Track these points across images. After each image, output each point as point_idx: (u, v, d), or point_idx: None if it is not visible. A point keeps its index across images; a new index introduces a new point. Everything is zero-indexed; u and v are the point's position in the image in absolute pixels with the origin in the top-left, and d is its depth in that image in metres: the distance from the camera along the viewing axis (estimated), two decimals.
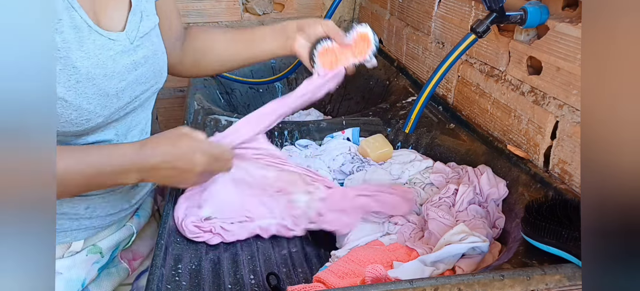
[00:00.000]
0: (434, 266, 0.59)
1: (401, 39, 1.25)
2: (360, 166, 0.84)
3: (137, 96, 0.72)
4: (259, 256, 0.65)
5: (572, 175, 0.68)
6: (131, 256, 0.83)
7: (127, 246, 0.82)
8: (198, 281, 0.59)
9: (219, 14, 1.50)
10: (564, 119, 0.69)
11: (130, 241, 0.82)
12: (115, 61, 0.66)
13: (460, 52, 0.75)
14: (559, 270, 0.53)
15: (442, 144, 0.88)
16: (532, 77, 0.76)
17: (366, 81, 1.31)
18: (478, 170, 0.74)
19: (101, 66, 0.64)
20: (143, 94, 0.73)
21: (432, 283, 0.51)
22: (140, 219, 0.84)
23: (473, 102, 0.92)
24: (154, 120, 1.58)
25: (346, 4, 1.58)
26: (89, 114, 0.63)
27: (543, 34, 0.72)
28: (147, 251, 0.86)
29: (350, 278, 0.59)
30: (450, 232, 0.62)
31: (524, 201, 0.67)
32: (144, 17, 0.72)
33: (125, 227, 0.80)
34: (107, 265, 0.79)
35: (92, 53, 0.63)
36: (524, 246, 0.58)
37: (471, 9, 0.90)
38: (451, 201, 0.70)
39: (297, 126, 0.96)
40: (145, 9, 0.73)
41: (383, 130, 0.94)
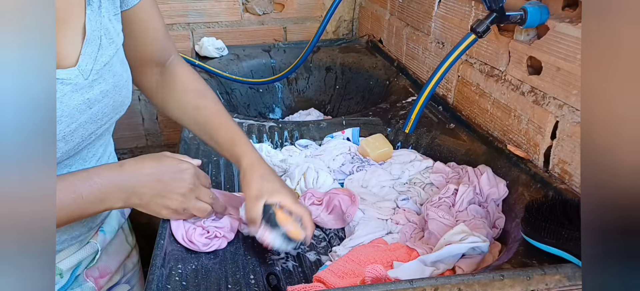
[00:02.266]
0: (434, 266, 0.59)
1: (401, 39, 1.25)
2: (360, 166, 0.84)
3: (91, 133, 0.63)
4: (259, 256, 0.65)
5: (572, 175, 0.68)
6: (97, 273, 0.77)
7: (92, 264, 0.75)
8: (198, 281, 0.59)
9: (219, 14, 1.50)
10: (564, 119, 0.69)
11: (95, 259, 0.75)
12: (62, 103, 0.57)
13: (460, 52, 0.75)
14: (559, 270, 0.53)
15: (442, 144, 0.88)
16: (532, 77, 0.76)
17: (366, 81, 1.31)
18: (478, 170, 0.74)
19: None
20: (98, 129, 0.64)
21: (432, 283, 0.51)
22: (105, 235, 0.77)
23: (473, 102, 0.92)
24: (154, 120, 1.58)
25: (346, 4, 1.58)
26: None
27: (543, 34, 0.72)
28: (116, 265, 0.80)
29: (350, 278, 0.59)
30: (451, 232, 0.62)
31: (524, 201, 0.67)
32: (104, 44, 0.62)
33: (88, 245, 0.73)
34: (69, 285, 0.72)
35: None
36: (524, 246, 0.58)
37: (471, 9, 0.91)
38: (451, 201, 0.70)
39: (297, 126, 0.96)
40: (106, 32, 0.63)
41: (383, 130, 0.94)
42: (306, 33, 1.58)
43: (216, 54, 1.36)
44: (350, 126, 0.95)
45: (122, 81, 0.66)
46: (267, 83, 1.31)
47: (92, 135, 0.63)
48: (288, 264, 0.65)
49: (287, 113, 1.37)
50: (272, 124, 0.96)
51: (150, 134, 1.60)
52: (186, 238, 0.64)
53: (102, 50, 0.62)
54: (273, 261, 0.65)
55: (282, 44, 1.45)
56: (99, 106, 0.62)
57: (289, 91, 1.40)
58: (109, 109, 0.65)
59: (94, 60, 0.61)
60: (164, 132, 1.61)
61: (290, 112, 1.37)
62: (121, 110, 0.68)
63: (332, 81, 1.40)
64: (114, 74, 0.64)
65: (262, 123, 0.96)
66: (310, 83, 1.41)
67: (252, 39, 1.55)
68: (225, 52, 1.38)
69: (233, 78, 1.26)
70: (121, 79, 0.66)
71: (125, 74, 0.68)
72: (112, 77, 0.64)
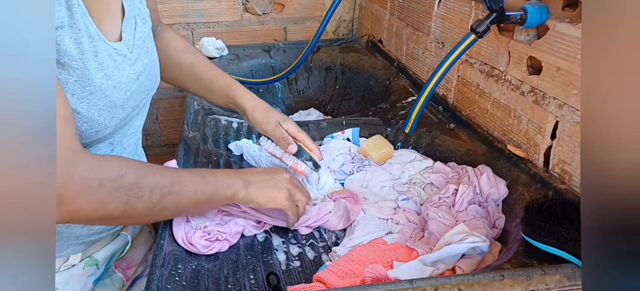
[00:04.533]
0: (434, 266, 0.59)
1: (401, 39, 1.25)
2: (361, 166, 0.84)
3: (137, 105, 0.70)
4: (259, 256, 0.65)
5: (572, 175, 0.68)
6: (125, 265, 0.82)
7: (121, 255, 0.81)
8: (198, 281, 0.59)
9: (219, 14, 1.50)
10: (564, 119, 0.69)
11: (125, 251, 0.81)
12: (119, 70, 0.64)
13: (460, 52, 0.74)
14: (559, 270, 0.53)
15: (442, 144, 0.88)
16: (532, 77, 0.76)
17: (366, 81, 1.31)
18: (478, 170, 0.74)
19: (110, 77, 0.62)
20: (141, 101, 0.72)
21: (432, 283, 0.50)
22: (134, 227, 0.83)
23: (473, 102, 0.92)
24: (154, 120, 1.58)
25: (346, 4, 1.58)
26: (98, 126, 0.62)
27: (543, 34, 0.72)
28: (140, 257, 0.85)
29: (350, 278, 0.59)
30: (450, 232, 0.62)
31: (524, 201, 0.67)
32: (139, 23, 0.70)
33: (120, 236, 0.79)
34: (101, 276, 0.78)
35: (105, 63, 0.61)
36: (524, 246, 0.58)
37: (471, 9, 0.91)
38: (451, 201, 0.70)
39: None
40: (140, 13, 0.70)
41: (383, 130, 0.94)
42: (306, 33, 1.58)
43: (216, 54, 1.36)
44: (350, 126, 0.95)
45: (154, 57, 0.75)
46: (267, 83, 1.31)
47: (138, 105, 0.71)
48: (288, 264, 0.65)
49: (287, 113, 1.37)
50: None
51: (150, 134, 1.60)
52: (186, 240, 0.64)
53: (138, 28, 0.69)
54: (273, 262, 0.65)
55: (282, 44, 1.45)
56: (142, 78, 0.69)
57: (289, 91, 1.40)
58: (149, 82, 0.72)
59: (133, 37, 0.68)
60: (164, 132, 1.61)
61: (290, 112, 1.37)
62: (156, 85, 0.76)
63: (332, 81, 1.40)
64: (148, 50, 0.72)
65: None
66: (310, 83, 1.41)
67: (252, 39, 1.55)
68: (225, 52, 1.38)
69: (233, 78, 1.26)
70: (153, 55, 0.74)
71: (155, 52, 0.76)
72: (147, 52, 0.71)
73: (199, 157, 0.85)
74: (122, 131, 0.70)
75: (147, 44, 0.71)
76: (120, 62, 0.64)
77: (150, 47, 0.73)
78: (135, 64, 0.67)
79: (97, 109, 0.61)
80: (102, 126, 0.62)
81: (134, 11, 0.69)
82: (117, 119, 0.65)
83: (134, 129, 0.74)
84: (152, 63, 0.73)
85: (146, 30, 0.71)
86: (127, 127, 0.72)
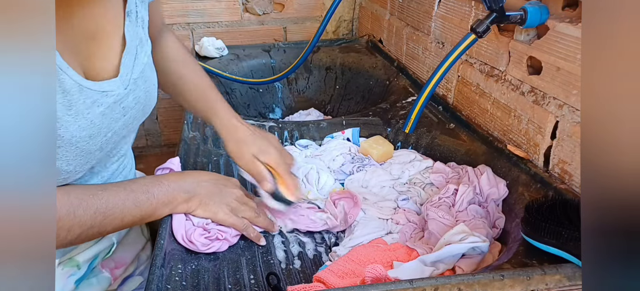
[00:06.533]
0: (434, 266, 0.59)
1: (401, 39, 1.25)
2: (361, 166, 0.84)
3: (121, 138, 0.67)
4: (259, 256, 0.65)
5: (572, 175, 0.68)
6: (113, 264, 0.80)
7: (108, 255, 0.78)
8: (198, 281, 0.59)
9: (219, 14, 1.50)
10: (564, 119, 0.69)
11: (111, 251, 0.78)
12: (104, 115, 0.60)
13: (460, 52, 0.74)
14: (559, 270, 0.53)
15: (442, 144, 0.88)
16: (532, 77, 0.76)
17: (366, 81, 1.31)
18: (478, 170, 0.74)
19: (87, 127, 0.57)
20: (126, 130, 0.68)
21: (432, 283, 0.50)
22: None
23: (473, 102, 0.92)
24: (154, 120, 1.58)
25: (346, 4, 1.59)
26: (67, 175, 0.58)
27: (543, 34, 0.72)
28: (131, 257, 0.82)
29: (350, 278, 0.59)
30: (450, 232, 0.62)
31: (524, 201, 0.67)
32: (139, 53, 0.65)
33: (105, 238, 0.76)
34: (86, 276, 0.75)
35: (81, 115, 0.56)
36: (524, 246, 0.58)
37: (471, 9, 0.91)
38: (451, 201, 0.70)
39: (297, 126, 0.96)
40: (140, 41, 0.66)
41: (383, 130, 0.94)
42: (306, 33, 1.58)
43: (216, 54, 1.36)
44: (350, 126, 0.95)
45: (152, 86, 0.70)
46: (267, 83, 1.31)
47: (121, 139, 0.68)
48: (288, 264, 0.65)
49: (287, 113, 1.37)
50: (272, 124, 0.96)
51: (150, 134, 1.60)
52: (186, 237, 0.64)
53: (137, 59, 0.65)
54: (273, 262, 0.65)
55: (282, 44, 1.45)
56: (131, 113, 0.66)
57: (289, 91, 1.40)
58: (139, 114, 0.68)
59: (131, 69, 0.64)
60: (164, 132, 1.61)
61: (290, 112, 1.37)
62: (149, 110, 0.72)
63: (332, 81, 1.40)
64: (146, 80, 0.68)
65: (262, 123, 0.96)
66: (310, 83, 1.41)
67: (252, 39, 1.55)
68: (225, 52, 1.38)
69: (233, 78, 1.26)
70: (151, 84, 0.70)
71: (154, 78, 0.71)
72: (144, 83, 0.67)
73: (199, 157, 0.85)
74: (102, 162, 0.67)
75: (146, 73, 0.67)
76: (107, 106, 0.60)
77: (150, 76, 0.69)
78: (126, 100, 0.63)
79: (66, 161, 0.57)
80: (71, 173, 0.58)
81: (136, 41, 0.65)
82: (92, 162, 0.61)
83: (116, 151, 0.70)
84: (147, 94, 0.68)
85: (145, 60, 0.67)
86: (112, 154, 0.69)
